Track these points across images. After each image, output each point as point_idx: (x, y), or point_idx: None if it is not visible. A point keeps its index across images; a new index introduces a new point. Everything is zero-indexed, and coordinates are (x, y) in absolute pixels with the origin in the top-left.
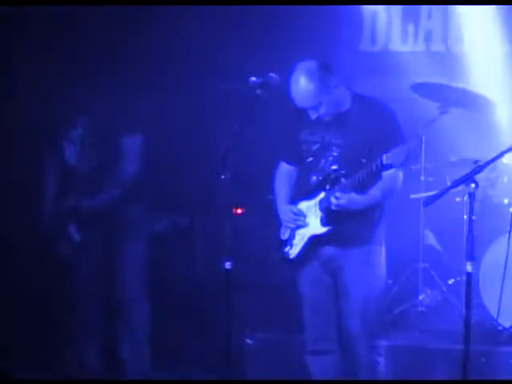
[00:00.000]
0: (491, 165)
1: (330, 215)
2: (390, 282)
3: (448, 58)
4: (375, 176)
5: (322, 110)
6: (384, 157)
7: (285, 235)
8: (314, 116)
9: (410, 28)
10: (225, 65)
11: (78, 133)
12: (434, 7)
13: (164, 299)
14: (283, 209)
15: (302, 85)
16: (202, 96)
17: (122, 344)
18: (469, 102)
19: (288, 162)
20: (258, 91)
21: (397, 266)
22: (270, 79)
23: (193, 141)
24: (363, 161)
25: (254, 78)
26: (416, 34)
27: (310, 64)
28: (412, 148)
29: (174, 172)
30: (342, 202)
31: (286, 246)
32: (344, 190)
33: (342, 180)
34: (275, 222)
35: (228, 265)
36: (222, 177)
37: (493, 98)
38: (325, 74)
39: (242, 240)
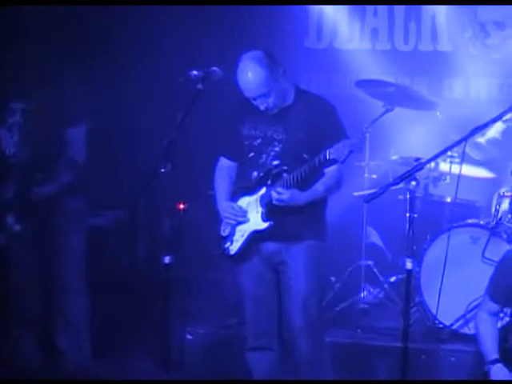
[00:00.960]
0: (433, 164)
1: (271, 211)
2: (333, 279)
3: (393, 57)
4: (318, 172)
5: (271, 100)
6: (327, 152)
7: (225, 231)
8: (263, 106)
9: (356, 26)
10: (169, 56)
11: (15, 120)
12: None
13: (106, 291)
14: (223, 205)
15: (251, 72)
16: (146, 88)
17: (59, 335)
18: (412, 101)
19: (228, 158)
20: (200, 85)
21: (339, 263)
22: (212, 73)
23: (135, 133)
24: (305, 156)
25: (195, 72)
26: (362, 32)
27: (257, 53)
28: (355, 144)
29: (116, 165)
30: (284, 197)
31: (226, 242)
32: (286, 186)
33: (285, 175)
34: (217, 217)
35: (167, 259)
36: (162, 170)
37: (435, 98)
38: (271, 61)
39: (183, 235)
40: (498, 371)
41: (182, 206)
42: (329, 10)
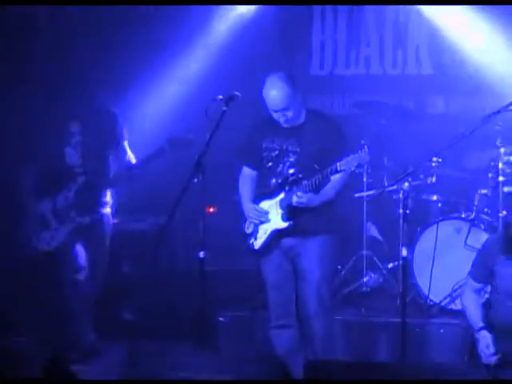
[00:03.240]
0: (421, 167)
1: (289, 212)
2: (339, 267)
3: (384, 80)
4: (327, 178)
5: (290, 114)
6: (338, 164)
7: (249, 229)
8: (282, 119)
9: (352, 55)
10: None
11: (77, 140)
12: (372, 35)
13: (150, 284)
14: (248, 207)
15: (278, 88)
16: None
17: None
18: (401, 116)
19: (250, 167)
20: (224, 107)
21: (345, 253)
22: (234, 97)
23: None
24: (315, 166)
25: (220, 96)
26: (357, 60)
27: (284, 73)
28: (362, 158)
29: (155, 177)
30: (303, 200)
31: (250, 238)
32: (303, 190)
33: (304, 182)
34: (241, 218)
35: (201, 254)
36: (195, 180)
37: (421, 112)
38: (293, 81)
39: (213, 234)
40: (484, 337)
41: (211, 210)
42: (328, 41)
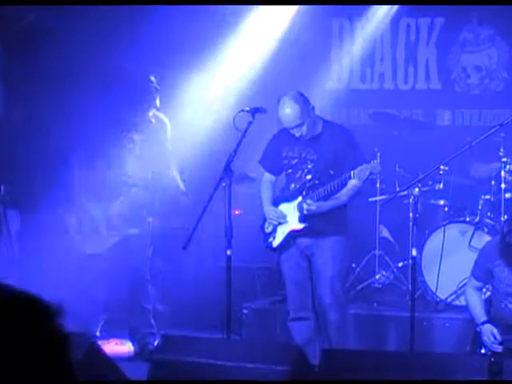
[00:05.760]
0: (430, 174)
1: (305, 215)
2: (354, 265)
3: (396, 94)
4: (342, 185)
5: (304, 129)
6: (352, 172)
7: (268, 229)
8: (298, 134)
9: (368, 70)
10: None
11: (131, 148)
12: (385, 53)
13: (184, 278)
14: (268, 209)
15: (289, 108)
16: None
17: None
18: (412, 126)
19: (271, 172)
20: (251, 119)
21: (359, 252)
22: (260, 110)
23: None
24: (331, 172)
25: (247, 108)
26: (372, 75)
27: (293, 93)
28: (374, 167)
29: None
30: (312, 208)
31: (269, 237)
32: (318, 196)
33: (319, 188)
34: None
35: (228, 252)
36: (223, 184)
37: (431, 123)
38: (304, 99)
39: (239, 233)
40: (487, 329)
41: (237, 212)
42: (346, 58)
